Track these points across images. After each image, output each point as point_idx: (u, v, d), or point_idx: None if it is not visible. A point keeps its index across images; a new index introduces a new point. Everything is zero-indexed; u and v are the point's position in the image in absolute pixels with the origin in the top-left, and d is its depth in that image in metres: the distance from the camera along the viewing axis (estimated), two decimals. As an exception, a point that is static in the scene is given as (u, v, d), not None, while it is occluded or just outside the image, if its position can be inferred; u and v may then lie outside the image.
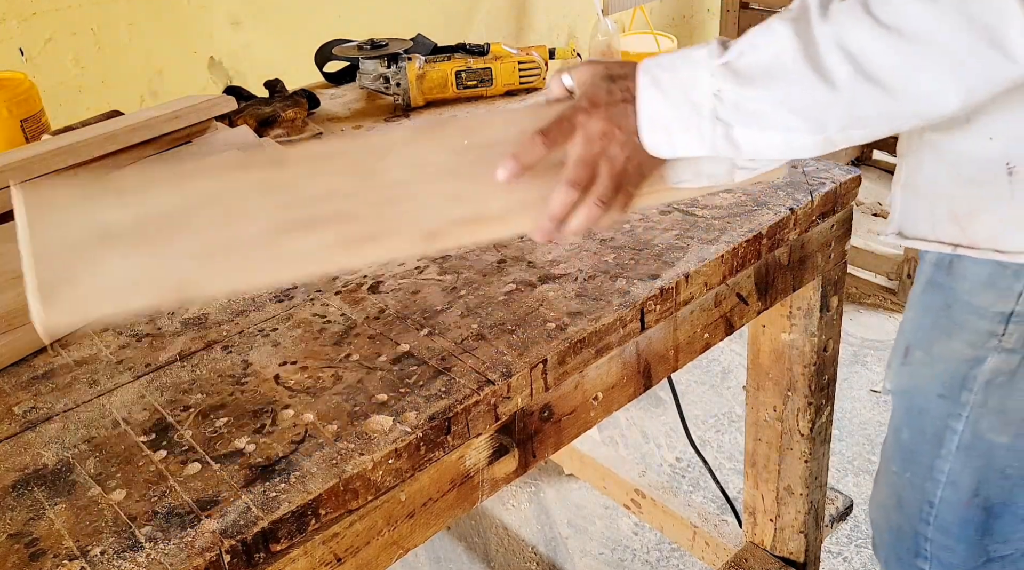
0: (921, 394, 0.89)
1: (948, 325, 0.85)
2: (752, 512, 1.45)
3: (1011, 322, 0.80)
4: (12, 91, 1.28)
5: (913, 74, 0.64)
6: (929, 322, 0.87)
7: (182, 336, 0.89)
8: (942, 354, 0.86)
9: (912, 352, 0.90)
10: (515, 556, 1.81)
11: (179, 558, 0.63)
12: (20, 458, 0.74)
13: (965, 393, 0.85)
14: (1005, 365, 0.82)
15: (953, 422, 0.87)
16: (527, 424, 0.86)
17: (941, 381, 0.87)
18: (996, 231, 0.77)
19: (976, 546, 0.91)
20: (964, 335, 0.84)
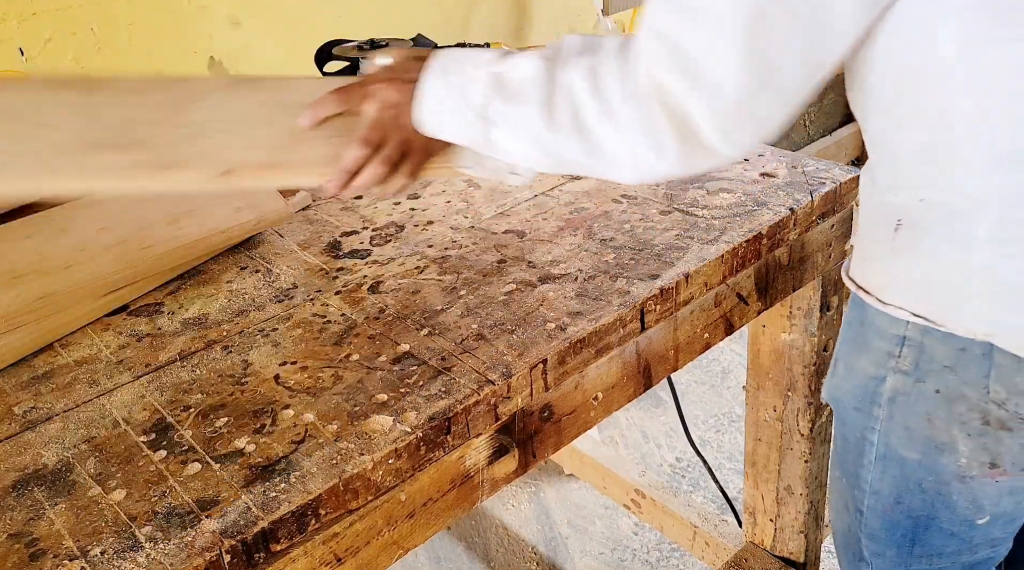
0: (842, 405, 0.92)
1: (860, 341, 0.88)
2: (752, 512, 1.45)
3: (904, 345, 0.82)
4: (12, 91, 1.28)
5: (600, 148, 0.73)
6: (849, 337, 0.90)
7: (182, 336, 0.89)
8: (856, 369, 0.89)
9: (837, 364, 0.93)
10: (515, 556, 1.81)
11: (179, 558, 0.63)
12: (20, 458, 0.74)
13: (875, 407, 0.87)
14: (901, 385, 0.84)
15: (869, 434, 0.89)
16: (527, 424, 0.86)
17: (856, 394, 0.89)
18: (881, 282, 0.83)
19: (906, 552, 0.93)
20: (869, 353, 0.86)
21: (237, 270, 1.00)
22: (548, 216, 1.05)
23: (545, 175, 1.16)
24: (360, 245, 1.03)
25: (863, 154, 3.04)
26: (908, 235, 0.78)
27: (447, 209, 1.09)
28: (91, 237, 0.95)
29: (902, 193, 0.78)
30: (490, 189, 1.13)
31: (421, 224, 1.06)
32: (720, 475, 1.95)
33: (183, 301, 0.94)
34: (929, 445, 0.84)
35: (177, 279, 0.98)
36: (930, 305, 0.79)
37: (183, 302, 0.94)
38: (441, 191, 1.14)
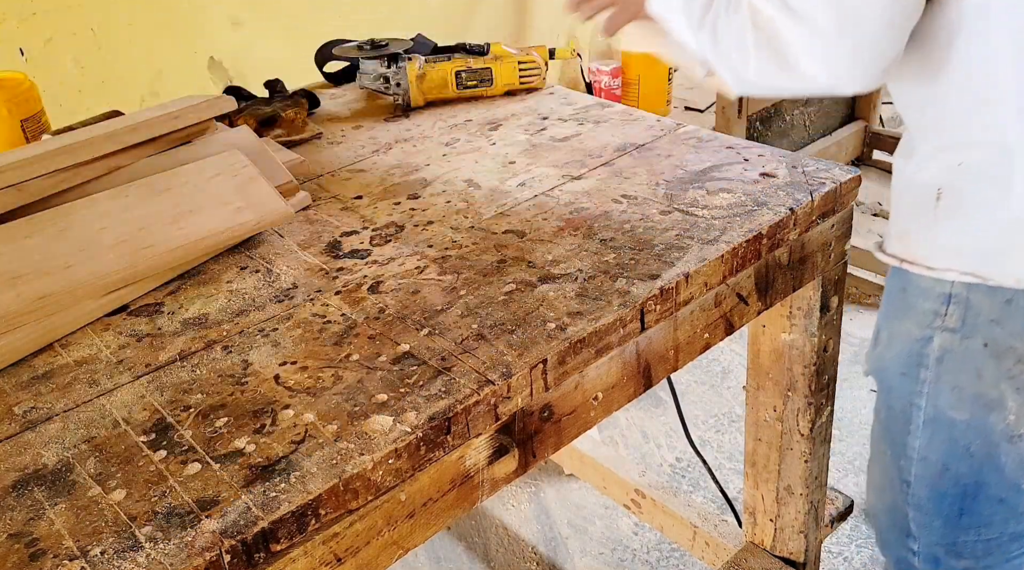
0: (887, 374, 0.93)
1: (903, 306, 0.90)
2: (752, 512, 1.45)
3: (951, 303, 0.84)
4: (12, 91, 1.28)
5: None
6: (889, 306, 0.93)
7: (182, 336, 0.89)
8: (899, 334, 0.91)
9: (879, 334, 0.95)
10: (515, 556, 1.81)
11: (179, 558, 0.63)
12: (20, 458, 0.74)
13: (922, 371, 0.89)
14: (949, 344, 0.86)
15: (916, 399, 0.90)
16: (527, 424, 0.86)
17: (901, 360, 0.91)
18: (927, 251, 0.85)
19: (954, 523, 0.93)
20: (914, 315, 0.88)
21: (237, 270, 1.00)
22: (548, 216, 1.05)
23: (545, 175, 1.16)
24: (360, 245, 1.03)
25: (863, 154, 3.04)
26: (949, 201, 0.82)
27: (447, 209, 1.09)
28: (91, 237, 0.95)
29: (942, 159, 0.82)
30: (490, 189, 1.13)
31: (421, 224, 1.06)
32: (720, 475, 1.95)
33: (183, 301, 0.94)
34: (978, 403, 0.85)
35: (177, 279, 0.98)
36: (976, 261, 0.81)
37: (183, 302, 0.94)
38: (441, 191, 1.14)
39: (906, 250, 0.88)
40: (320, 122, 1.40)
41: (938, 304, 0.86)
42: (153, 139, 1.11)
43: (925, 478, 0.92)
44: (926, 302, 0.87)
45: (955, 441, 0.88)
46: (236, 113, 1.29)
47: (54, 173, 1.02)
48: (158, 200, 1.01)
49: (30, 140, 1.27)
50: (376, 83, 1.41)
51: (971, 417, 0.86)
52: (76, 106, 1.60)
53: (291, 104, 1.35)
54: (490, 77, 1.43)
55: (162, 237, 0.96)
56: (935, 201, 0.83)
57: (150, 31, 1.65)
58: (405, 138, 1.32)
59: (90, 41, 1.59)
